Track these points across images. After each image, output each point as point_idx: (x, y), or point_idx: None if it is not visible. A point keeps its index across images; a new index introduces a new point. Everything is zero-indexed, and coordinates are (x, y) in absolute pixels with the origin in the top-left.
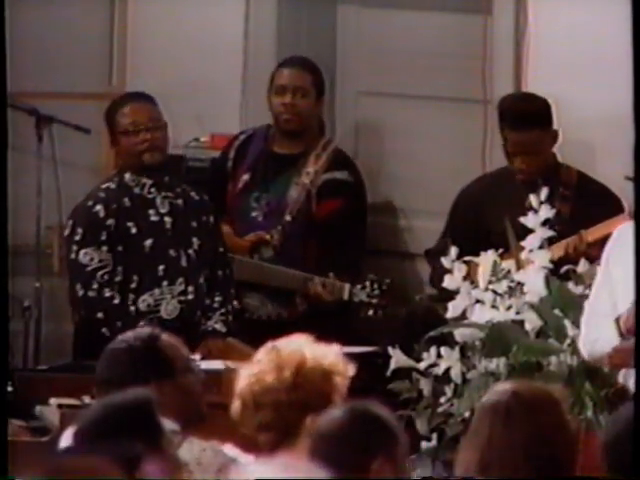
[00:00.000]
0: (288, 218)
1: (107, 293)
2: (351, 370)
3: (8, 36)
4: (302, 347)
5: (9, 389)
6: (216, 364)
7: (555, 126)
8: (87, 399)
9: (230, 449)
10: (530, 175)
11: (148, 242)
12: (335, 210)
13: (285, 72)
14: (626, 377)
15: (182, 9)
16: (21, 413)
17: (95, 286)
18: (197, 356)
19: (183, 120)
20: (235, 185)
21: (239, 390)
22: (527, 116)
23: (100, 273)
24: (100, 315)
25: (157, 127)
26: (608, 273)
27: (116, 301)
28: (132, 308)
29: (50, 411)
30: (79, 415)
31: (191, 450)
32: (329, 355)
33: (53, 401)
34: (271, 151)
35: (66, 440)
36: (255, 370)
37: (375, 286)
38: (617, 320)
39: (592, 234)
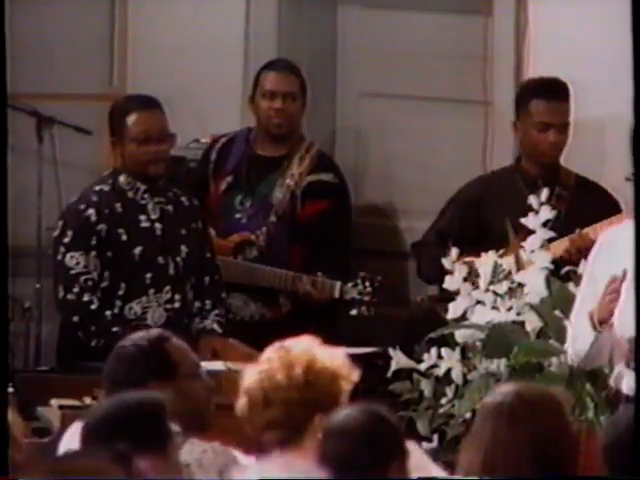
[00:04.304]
0: (273, 219)
1: (85, 297)
2: (356, 376)
3: (8, 36)
4: (311, 347)
5: (10, 390)
6: (217, 365)
7: None
8: (88, 400)
9: (231, 450)
10: (559, 152)
11: (137, 250)
12: (320, 211)
13: (274, 76)
14: (617, 379)
15: (182, 10)
16: (22, 414)
17: (76, 290)
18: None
19: (184, 121)
20: (217, 187)
21: (247, 387)
22: (563, 87)
23: (83, 278)
24: (76, 319)
25: (166, 138)
26: (593, 276)
27: (93, 306)
28: (117, 314)
29: (51, 412)
30: (89, 410)
31: (192, 451)
32: (337, 358)
33: (54, 402)
34: (254, 154)
35: (68, 440)
36: (265, 367)
37: (367, 283)
38: (591, 315)
39: (594, 232)
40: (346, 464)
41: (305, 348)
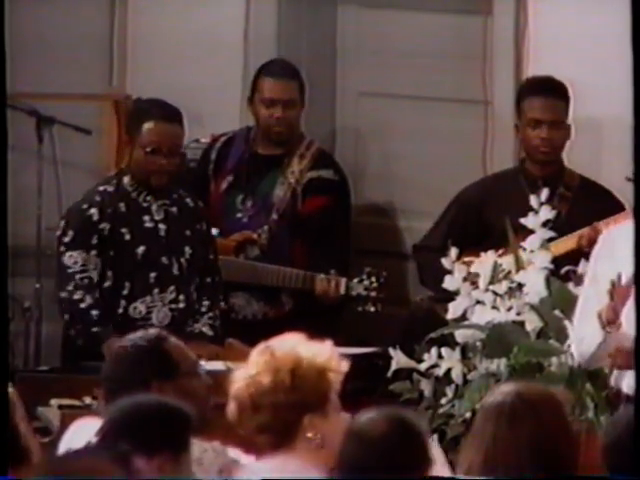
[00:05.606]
0: (275, 217)
1: (76, 295)
2: (345, 366)
3: (8, 36)
4: (296, 347)
5: (10, 390)
6: (217, 365)
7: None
8: (88, 400)
9: (231, 450)
10: (552, 149)
11: (141, 249)
12: (321, 207)
13: (273, 84)
14: (618, 379)
15: (182, 10)
16: None
17: (70, 288)
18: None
19: (183, 121)
20: (218, 187)
21: (235, 392)
22: (557, 85)
23: (79, 276)
24: (66, 317)
25: (177, 153)
26: (595, 276)
27: (83, 305)
28: (122, 313)
29: (51, 412)
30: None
31: (192, 451)
32: (323, 352)
33: (54, 402)
34: (254, 152)
35: (68, 440)
36: (251, 372)
37: (373, 279)
38: (599, 315)
39: (606, 226)
40: (362, 470)
41: (290, 348)
